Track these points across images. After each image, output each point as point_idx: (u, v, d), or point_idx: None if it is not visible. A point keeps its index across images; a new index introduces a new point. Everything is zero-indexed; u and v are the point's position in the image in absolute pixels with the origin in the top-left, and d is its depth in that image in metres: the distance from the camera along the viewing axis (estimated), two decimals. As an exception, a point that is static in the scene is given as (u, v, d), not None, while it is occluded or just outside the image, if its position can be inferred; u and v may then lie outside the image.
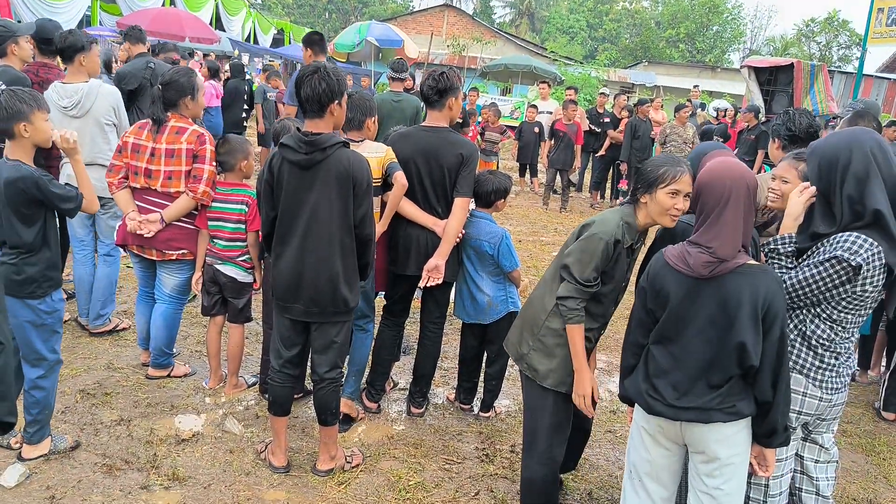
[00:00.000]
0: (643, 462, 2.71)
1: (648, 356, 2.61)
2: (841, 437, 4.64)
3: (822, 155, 2.66)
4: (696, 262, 2.41)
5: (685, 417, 2.48)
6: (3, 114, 3.16)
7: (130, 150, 4.11)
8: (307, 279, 3.27)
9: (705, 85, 22.50)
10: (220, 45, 20.90)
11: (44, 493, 3.23)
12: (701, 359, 2.45)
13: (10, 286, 3.21)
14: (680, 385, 2.49)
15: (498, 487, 3.66)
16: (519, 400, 4.71)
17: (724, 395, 2.44)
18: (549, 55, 33.41)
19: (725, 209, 2.40)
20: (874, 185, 2.53)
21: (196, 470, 3.53)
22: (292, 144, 3.17)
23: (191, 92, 4.13)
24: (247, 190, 4.17)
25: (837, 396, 2.70)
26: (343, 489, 3.49)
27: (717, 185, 2.44)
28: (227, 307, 4.33)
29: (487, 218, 4.11)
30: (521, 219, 10.82)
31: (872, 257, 2.49)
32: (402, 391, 4.55)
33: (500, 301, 4.10)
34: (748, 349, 2.36)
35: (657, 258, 2.59)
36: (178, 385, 4.39)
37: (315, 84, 3.12)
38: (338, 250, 3.26)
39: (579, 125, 11.71)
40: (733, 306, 2.37)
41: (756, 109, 11.40)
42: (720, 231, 2.39)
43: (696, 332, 2.45)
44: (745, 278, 2.39)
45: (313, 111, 3.19)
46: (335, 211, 3.21)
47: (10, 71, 4.68)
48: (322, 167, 3.17)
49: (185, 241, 4.19)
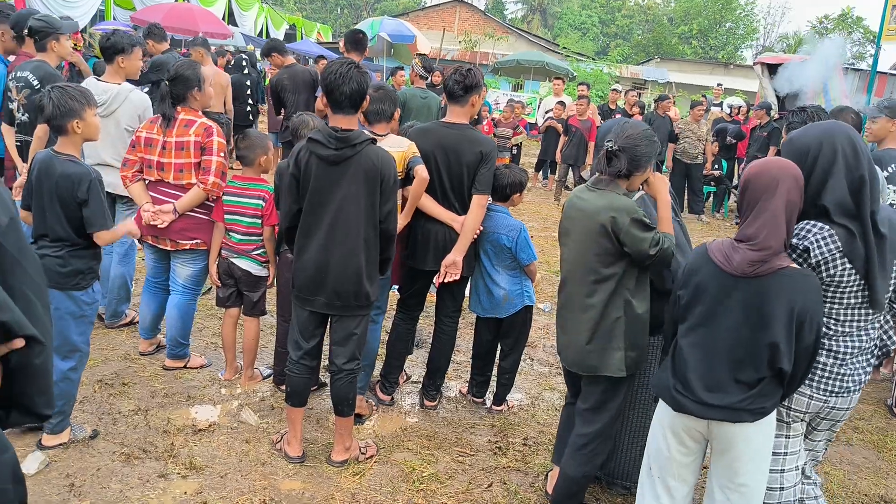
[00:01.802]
0: (665, 460, 2.71)
1: (676, 351, 2.61)
2: (853, 433, 4.64)
3: (794, 146, 2.67)
4: (742, 259, 2.40)
5: (713, 416, 2.48)
6: (58, 111, 3.27)
7: (143, 145, 4.18)
8: (332, 273, 3.32)
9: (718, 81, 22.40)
10: (233, 40, 20.98)
11: (63, 481, 3.28)
12: (731, 355, 2.45)
13: (53, 278, 3.27)
14: (709, 381, 2.48)
15: (511, 480, 3.69)
16: (532, 394, 4.74)
17: (755, 396, 2.45)
18: (561, 51, 33.30)
19: (772, 198, 2.40)
20: (835, 181, 2.52)
21: (213, 459, 3.57)
22: (322, 140, 3.21)
23: (197, 84, 4.18)
24: (264, 185, 4.21)
25: (836, 399, 2.62)
26: (358, 480, 3.53)
27: (763, 175, 2.44)
28: (241, 300, 4.37)
29: (504, 211, 4.13)
30: (533, 214, 10.82)
31: (821, 241, 2.50)
32: (416, 384, 4.58)
33: (515, 295, 4.12)
34: (781, 350, 2.37)
35: (699, 250, 2.60)
36: (194, 376, 4.44)
37: (360, 80, 3.20)
38: (362, 245, 3.31)
39: (593, 121, 11.71)
40: (770, 308, 2.37)
41: (768, 106, 11.37)
42: (765, 221, 2.39)
43: (728, 329, 2.45)
44: (786, 281, 2.38)
45: (352, 107, 3.25)
46: (362, 206, 3.27)
47: (44, 67, 4.72)
48: (351, 163, 3.22)
49: (198, 231, 4.24)
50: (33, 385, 1.42)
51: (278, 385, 4.37)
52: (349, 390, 3.53)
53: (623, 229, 2.87)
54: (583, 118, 11.58)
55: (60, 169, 3.30)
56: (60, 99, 3.27)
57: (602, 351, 3.03)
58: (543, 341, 5.67)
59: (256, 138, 4.26)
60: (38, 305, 1.43)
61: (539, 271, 7.36)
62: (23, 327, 1.31)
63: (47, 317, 1.47)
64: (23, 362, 1.36)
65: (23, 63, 4.81)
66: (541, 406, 4.60)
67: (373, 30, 19.88)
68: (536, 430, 4.27)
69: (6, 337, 1.31)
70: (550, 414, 4.50)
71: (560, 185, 12.00)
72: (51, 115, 3.29)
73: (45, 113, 3.30)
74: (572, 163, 11.64)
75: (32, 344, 1.35)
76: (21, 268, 1.40)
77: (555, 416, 4.46)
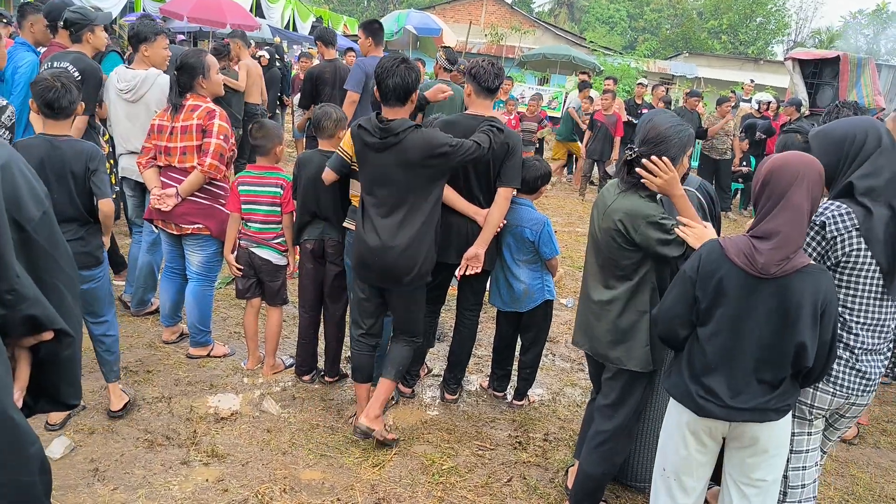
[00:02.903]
0: (681, 461, 2.68)
1: (693, 353, 2.55)
2: (881, 436, 4.57)
3: (833, 135, 2.67)
4: (768, 261, 2.34)
5: (740, 419, 2.46)
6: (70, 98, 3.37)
7: (156, 132, 4.26)
8: (391, 251, 3.45)
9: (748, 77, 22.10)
10: (261, 32, 21.07)
11: (88, 466, 3.33)
12: (755, 357, 2.42)
13: (78, 259, 3.31)
14: (733, 384, 2.45)
15: (531, 475, 3.68)
16: (553, 389, 4.72)
17: (780, 395, 2.45)
18: (588, 45, 33.09)
19: (796, 192, 2.34)
20: (872, 165, 2.57)
21: (234, 448, 3.60)
22: (369, 128, 3.41)
23: (202, 71, 4.21)
24: (280, 173, 4.23)
25: (857, 397, 2.63)
26: (377, 471, 3.54)
27: (788, 168, 2.38)
28: (262, 290, 4.40)
29: (529, 205, 4.10)
30: (557, 209, 10.77)
31: (837, 217, 2.53)
32: (437, 377, 4.58)
33: (536, 289, 4.10)
34: (807, 350, 2.36)
35: (712, 248, 2.50)
36: (217, 365, 4.48)
37: (404, 74, 3.36)
38: (419, 224, 3.47)
39: (619, 116, 11.60)
40: (795, 306, 2.34)
41: (798, 103, 11.18)
42: (790, 217, 2.34)
43: (752, 330, 2.41)
44: (808, 278, 2.36)
45: (397, 100, 3.41)
46: (410, 188, 3.43)
47: (84, 59, 4.77)
48: (395, 150, 3.38)
49: (200, 216, 4.27)
50: (61, 376, 1.44)
51: (300, 376, 4.39)
52: (406, 357, 3.78)
53: (638, 230, 2.82)
54: (608, 113, 11.48)
55: (69, 147, 3.39)
56: (70, 84, 3.36)
57: (627, 344, 2.99)
58: (566, 337, 5.64)
59: (271, 128, 4.28)
60: (69, 297, 1.45)
61: (562, 266, 7.34)
62: (52, 321, 1.33)
63: (77, 308, 1.49)
64: (52, 354, 1.38)
65: (58, 53, 4.85)
66: (562, 402, 4.58)
67: (399, 22, 19.88)
68: (557, 425, 4.25)
69: (36, 329, 1.32)
70: (572, 410, 4.48)
71: (585, 180, 11.93)
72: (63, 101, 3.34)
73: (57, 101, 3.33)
74: (597, 158, 11.56)
75: (61, 337, 1.36)
76: (53, 261, 1.41)
77: (576, 412, 4.44)
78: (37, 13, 5.22)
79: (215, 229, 4.31)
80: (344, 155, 3.85)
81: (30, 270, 1.33)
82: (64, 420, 3.62)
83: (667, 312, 2.61)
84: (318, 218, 4.11)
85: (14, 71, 5.02)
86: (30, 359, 1.37)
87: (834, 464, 4.15)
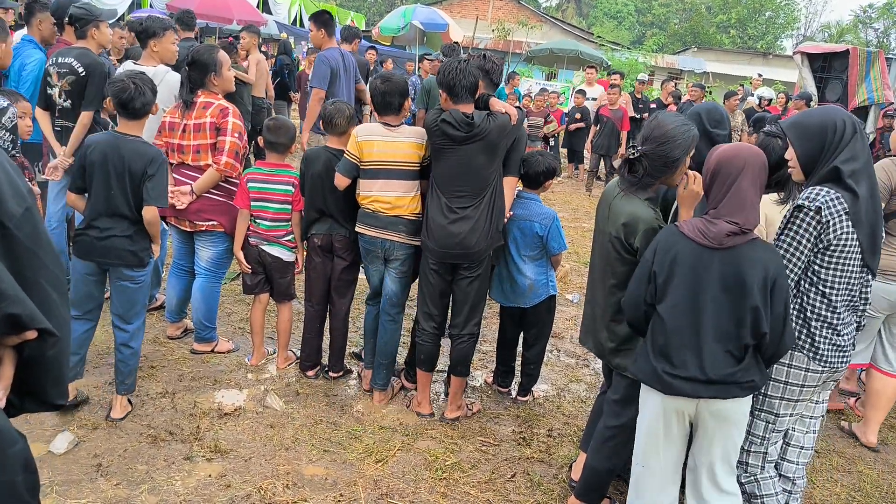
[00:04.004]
0: (650, 444, 2.76)
1: (655, 330, 2.62)
2: (888, 432, 4.54)
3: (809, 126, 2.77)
4: (719, 231, 2.49)
5: (707, 394, 2.54)
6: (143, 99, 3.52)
7: (168, 129, 4.25)
8: (459, 234, 3.66)
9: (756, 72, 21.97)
10: (268, 28, 21.08)
11: (91, 461, 3.33)
12: (717, 326, 2.51)
13: (123, 256, 3.54)
14: (697, 355, 2.53)
15: (534, 471, 3.67)
16: (557, 385, 4.71)
17: (744, 369, 2.53)
18: (595, 40, 32.92)
19: (744, 180, 2.51)
20: (850, 151, 2.69)
21: (237, 443, 3.60)
22: (453, 122, 3.57)
23: (214, 68, 4.20)
24: (291, 171, 4.21)
25: (838, 370, 2.84)
26: (381, 467, 3.53)
27: (737, 159, 2.54)
28: (270, 286, 4.40)
29: (536, 199, 4.09)
30: (564, 205, 10.74)
31: (831, 202, 2.64)
32: (440, 373, 4.57)
33: (541, 285, 4.08)
34: (761, 313, 2.47)
35: (669, 230, 2.65)
36: (221, 360, 4.48)
37: (468, 72, 3.58)
38: (495, 202, 3.72)
39: (625, 110, 11.55)
40: (748, 273, 2.48)
41: (808, 97, 11.10)
42: (741, 201, 2.50)
43: (709, 300, 2.52)
44: (757, 249, 2.52)
45: (471, 95, 3.64)
46: (482, 176, 3.66)
47: (89, 54, 4.77)
48: (480, 139, 3.59)
49: (215, 213, 4.27)
50: (46, 376, 1.43)
51: (304, 371, 4.39)
52: (469, 352, 3.98)
53: (636, 235, 2.86)
54: (614, 107, 11.44)
55: (132, 147, 3.49)
56: (144, 86, 3.51)
57: (627, 352, 3.03)
58: (571, 332, 5.62)
59: (284, 125, 4.26)
60: (55, 296, 1.42)
61: (568, 262, 7.32)
62: (35, 320, 1.31)
63: (64, 306, 1.47)
64: (36, 354, 1.37)
65: (63, 49, 4.85)
66: (566, 397, 4.56)
67: (405, 18, 19.82)
68: (562, 421, 4.23)
69: (18, 328, 1.31)
70: (576, 406, 4.46)
71: (592, 175, 11.88)
72: (136, 103, 3.49)
73: (132, 102, 3.47)
74: (604, 153, 11.52)
75: (45, 336, 1.34)
76: (37, 258, 1.39)
77: (581, 408, 4.42)
78: (45, 11, 5.22)
79: (229, 226, 4.31)
80: (352, 158, 3.85)
81: (11, 268, 1.32)
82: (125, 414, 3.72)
83: (630, 296, 2.72)
84: (326, 216, 4.10)
85: (21, 68, 5.02)
86: (14, 358, 1.36)
87: (841, 460, 4.12)
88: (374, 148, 3.82)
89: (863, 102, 11.51)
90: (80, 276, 3.60)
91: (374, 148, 3.82)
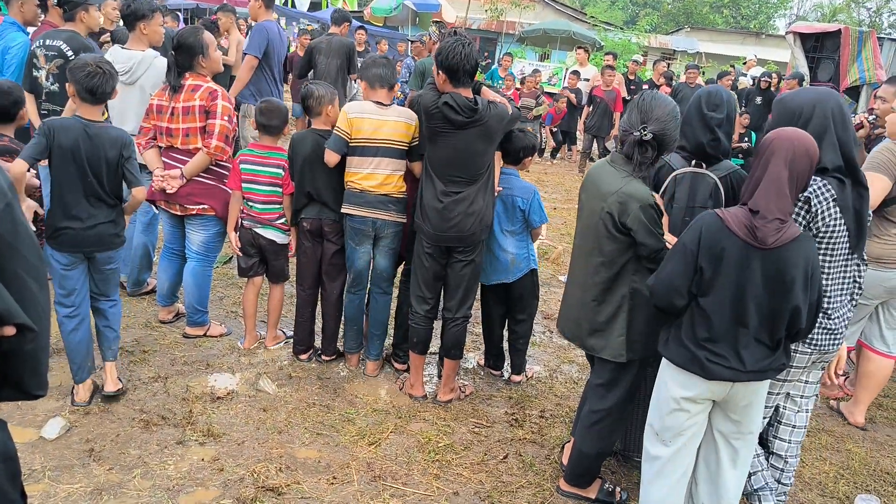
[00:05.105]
0: (674, 422, 2.74)
1: (696, 321, 2.61)
2: (876, 410, 4.58)
3: (785, 108, 2.85)
4: (765, 233, 2.45)
5: (746, 378, 2.57)
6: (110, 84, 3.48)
7: (155, 112, 4.20)
8: (454, 217, 3.67)
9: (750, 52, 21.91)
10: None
11: (83, 446, 3.33)
12: (756, 322, 2.52)
13: (109, 241, 3.57)
14: (738, 348, 2.55)
15: (526, 452, 3.69)
16: (550, 366, 4.72)
17: (777, 357, 2.58)
18: (588, 20, 32.70)
19: (774, 162, 2.46)
20: (826, 144, 2.74)
21: (230, 427, 3.61)
22: (456, 107, 3.52)
23: (201, 50, 4.15)
24: (282, 154, 4.19)
25: (828, 352, 2.92)
26: (374, 449, 3.54)
27: (772, 141, 2.50)
28: (265, 268, 4.40)
29: (515, 174, 4.14)
30: (557, 186, 10.73)
31: (819, 191, 2.72)
32: (432, 354, 4.57)
33: (522, 258, 4.11)
34: (801, 314, 2.50)
35: (712, 221, 2.55)
36: (213, 344, 4.48)
37: (471, 56, 3.52)
38: (488, 186, 3.74)
39: (618, 91, 11.53)
40: (790, 274, 2.46)
41: (800, 77, 11.10)
42: (771, 189, 2.45)
43: (752, 297, 2.50)
44: (800, 246, 2.48)
45: (470, 79, 3.60)
46: (487, 156, 3.68)
47: (78, 38, 4.71)
48: (479, 124, 3.58)
49: (205, 197, 4.25)
50: (24, 367, 1.42)
51: (297, 355, 4.39)
52: (462, 335, 4.00)
53: (631, 214, 2.83)
54: (607, 88, 11.40)
55: (103, 134, 3.45)
56: (112, 70, 3.47)
57: (602, 333, 3.03)
58: (563, 314, 5.62)
59: (277, 108, 4.24)
60: (34, 286, 1.42)
61: (561, 243, 7.33)
62: (12, 315, 1.30)
63: (43, 297, 1.46)
64: (14, 348, 1.36)
65: (51, 31, 4.78)
66: (559, 379, 4.58)
67: (398, -2, 19.69)
68: (554, 402, 4.25)
69: None
70: (568, 387, 4.48)
71: (584, 156, 11.87)
72: (107, 87, 3.44)
73: (101, 87, 3.42)
74: (596, 133, 11.50)
75: (24, 331, 1.33)
76: (16, 251, 1.38)
77: (573, 389, 4.44)
78: None
79: (220, 209, 4.30)
80: (342, 134, 3.84)
81: None
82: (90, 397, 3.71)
83: (665, 284, 2.64)
84: (314, 200, 4.09)
85: (5, 51, 4.97)
86: None
87: (830, 439, 4.16)
88: (364, 125, 3.83)
89: (854, 82, 11.51)
90: (62, 267, 3.51)
91: (364, 125, 3.83)
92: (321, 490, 3.21)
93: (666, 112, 2.86)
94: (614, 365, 3.05)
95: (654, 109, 2.86)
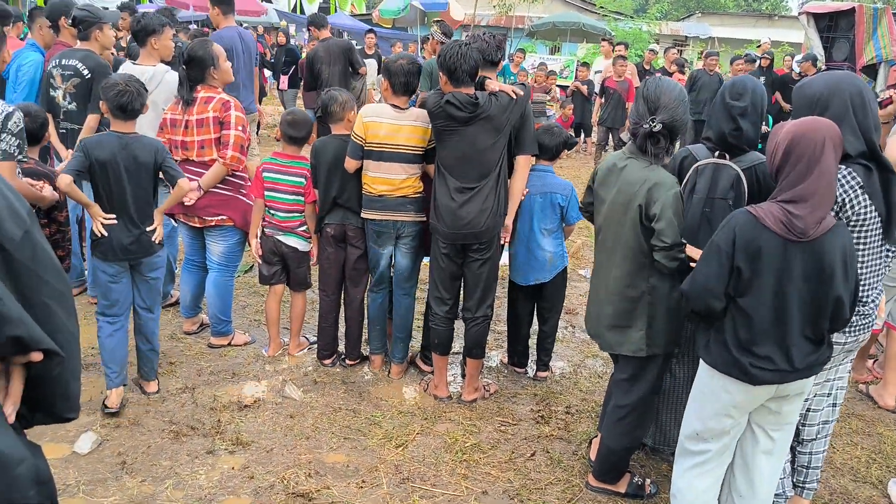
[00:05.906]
0: (717, 425, 2.69)
1: (737, 324, 2.52)
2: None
3: (803, 95, 2.78)
4: (807, 224, 2.36)
5: (793, 378, 2.52)
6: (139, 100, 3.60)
7: (169, 126, 4.25)
8: (467, 215, 3.68)
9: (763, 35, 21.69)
10: (267, 16, 20.99)
11: (115, 459, 3.37)
12: (799, 318, 2.46)
13: (151, 248, 3.72)
14: (783, 348, 2.48)
15: (554, 448, 3.68)
16: (574, 361, 4.72)
17: (823, 350, 2.54)
18: (597, 11, 32.56)
19: (826, 154, 2.37)
20: (847, 129, 2.63)
21: (258, 435, 3.64)
22: (457, 104, 3.56)
23: (212, 62, 4.20)
24: (305, 163, 4.22)
25: (862, 336, 2.86)
26: (401, 451, 3.56)
27: (815, 134, 2.39)
28: (287, 276, 4.43)
29: (551, 171, 4.15)
30: (573, 179, 10.68)
31: (844, 179, 2.65)
32: (456, 355, 4.57)
33: (558, 256, 4.15)
34: (844, 303, 2.45)
35: (746, 220, 2.46)
36: (238, 353, 4.52)
37: (469, 56, 3.57)
38: (501, 182, 3.75)
39: (631, 82, 11.44)
40: (829, 265, 2.41)
41: (814, 58, 10.97)
42: (824, 179, 2.36)
43: (793, 293, 2.44)
44: (836, 236, 2.42)
45: (472, 79, 3.64)
46: (495, 150, 3.68)
47: (93, 57, 4.77)
48: (483, 119, 3.61)
49: (223, 208, 4.29)
50: (54, 392, 1.45)
51: (321, 360, 4.42)
52: (484, 334, 4.00)
53: (658, 200, 2.81)
54: (620, 79, 11.33)
55: (138, 144, 3.59)
56: (139, 87, 3.60)
57: (622, 329, 3.02)
58: (585, 308, 5.60)
59: (303, 119, 4.27)
60: (60, 313, 1.43)
61: (579, 237, 7.31)
62: (38, 341, 1.32)
63: (71, 322, 1.47)
64: (42, 373, 1.38)
65: (67, 51, 4.83)
66: (583, 374, 4.57)
67: (405, -1, 19.68)
68: (579, 398, 4.24)
69: (22, 350, 1.32)
70: (593, 381, 4.47)
71: (600, 148, 11.80)
72: (136, 104, 3.57)
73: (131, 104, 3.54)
74: (611, 125, 11.43)
75: (51, 356, 1.35)
76: (38, 278, 1.39)
77: (598, 384, 4.43)
78: (42, 16, 5.23)
79: (238, 220, 4.33)
80: (358, 140, 3.87)
81: (14, 289, 1.33)
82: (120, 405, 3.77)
83: (700, 287, 2.54)
84: (338, 205, 4.12)
85: (18, 69, 5.04)
86: (23, 375, 1.37)
87: (860, 423, 4.11)
88: (380, 130, 3.85)
89: (871, 60, 11.35)
90: (108, 278, 3.66)
91: (380, 130, 3.85)
92: (351, 494, 3.23)
93: (672, 98, 2.85)
94: (637, 360, 3.05)
95: (660, 97, 2.86)
